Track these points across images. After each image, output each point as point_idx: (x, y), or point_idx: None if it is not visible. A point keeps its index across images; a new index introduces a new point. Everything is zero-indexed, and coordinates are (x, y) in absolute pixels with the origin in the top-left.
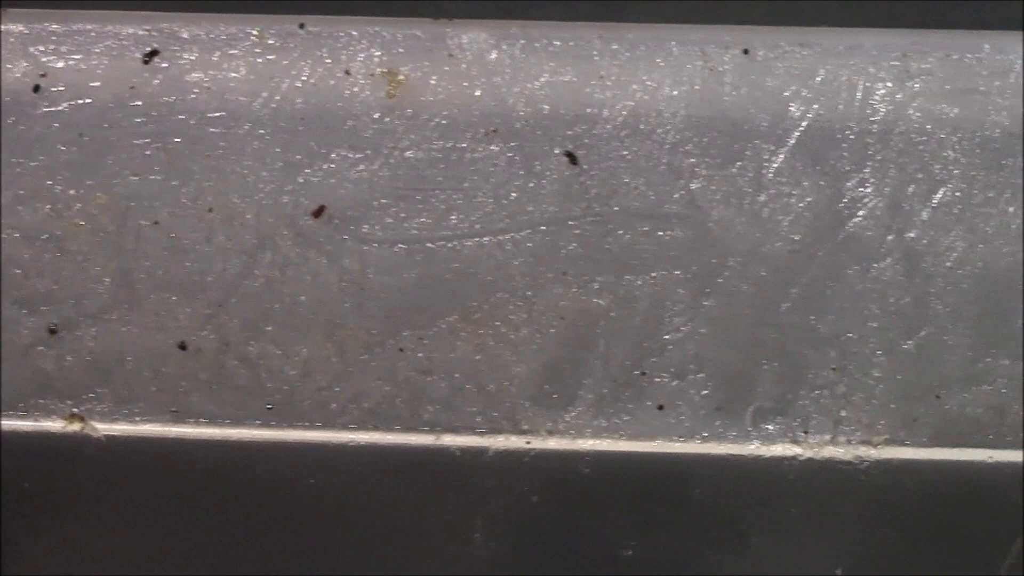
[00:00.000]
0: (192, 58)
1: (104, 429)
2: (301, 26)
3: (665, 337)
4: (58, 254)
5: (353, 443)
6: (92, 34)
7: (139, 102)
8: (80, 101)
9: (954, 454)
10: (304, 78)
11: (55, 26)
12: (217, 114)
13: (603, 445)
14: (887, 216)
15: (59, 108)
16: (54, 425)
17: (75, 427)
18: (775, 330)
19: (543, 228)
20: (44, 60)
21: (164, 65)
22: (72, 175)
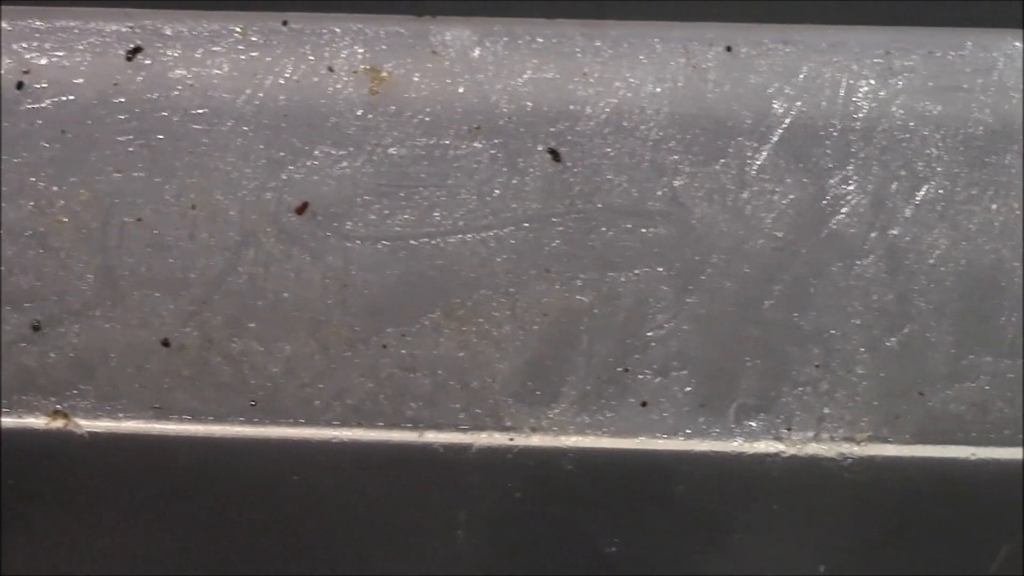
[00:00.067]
0: (175, 55)
1: (87, 426)
2: (284, 23)
3: (648, 334)
4: (41, 251)
5: (336, 440)
6: (75, 31)
7: (122, 99)
8: (63, 98)
9: (937, 451)
10: (287, 75)
11: (38, 23)
12: (200, 111)
13: (586, 442)
14: (870, 213)
15: (42, 105)
16: (37, 422)
17: (58, 424)
18: (758, 327)
19: (526, 225)
20: (27, 57)
21: (147, 62)
22: (55, 172)
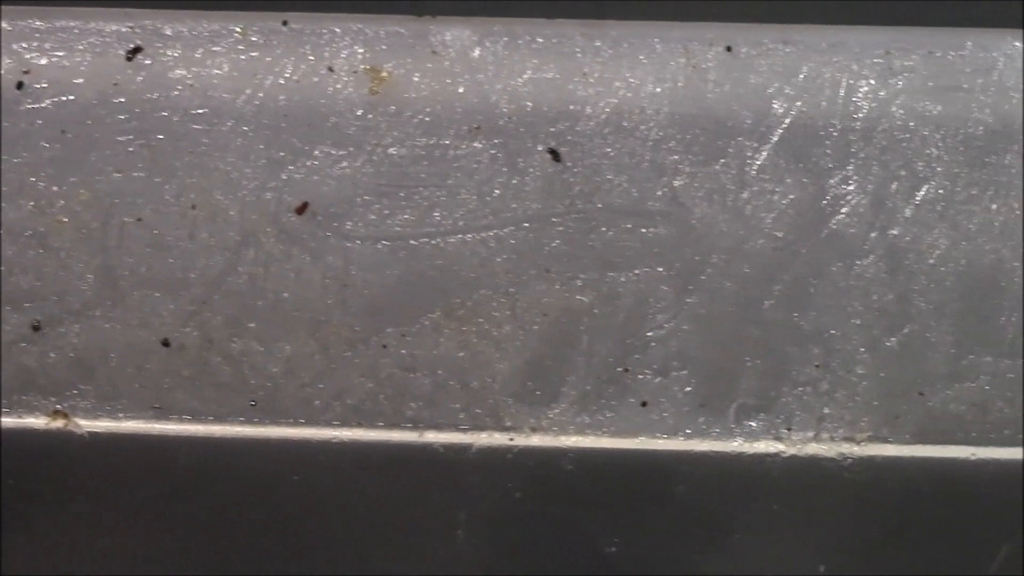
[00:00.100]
0: (175, 55)
1: (87, 426)
2: (284, 23)
3: (648, 334)
4: (41, 251)
5: (336, 440)
6: (75, 31)
7: (122, 99)
8: (63, 98)
9: (937, 451)
10: (287, 75)
11: (38, 23)
12: (200, 111)
13: (586, 442)
14: (870, 213)
15: (42, 105)
16: (37, 422)
17: (58, 424)
18: (758, 327)
19: (526, 225)
20: (28, 57)
21: (147, 62)
22: (55, 172)
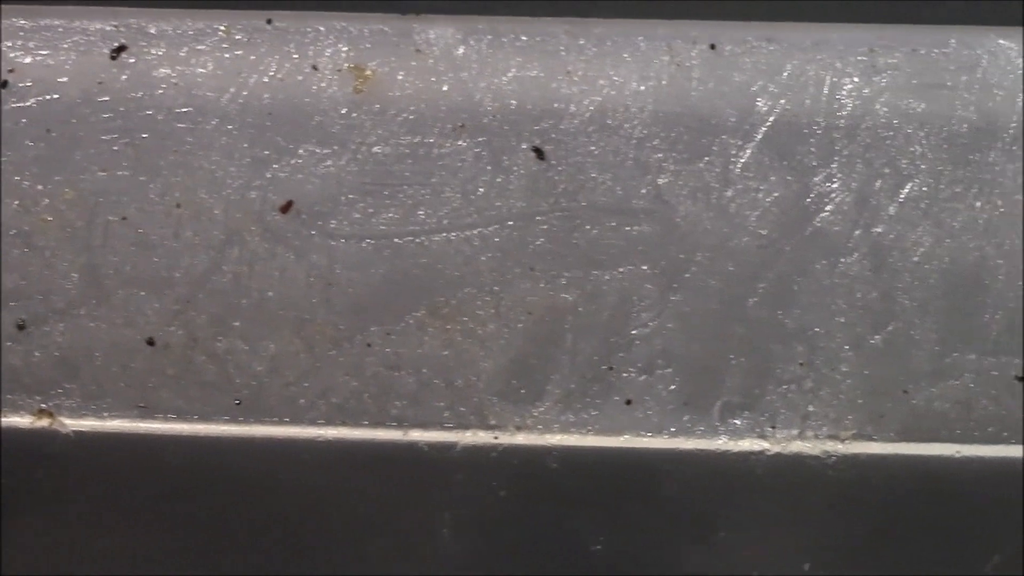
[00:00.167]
0: (160, 54)
1: (73, 425)
2: (268, 22)
3: (633, 332)
4: (26, 250)
5: (321, 438)
6: (60, 30)
7: (107, 97)
8: (48, 97)
9: (921, 449)
10: (271, 74)
11: (23, 21)
12: (185, 110)
13: (571, 440)
14: (854, 211)
15: (27, 104)
16: (22, 421)
17: (44, 423)
18: (742, 325)
19: (510, 223)
20: (12, 55)
21: (132, 61)
22: (40, 171)
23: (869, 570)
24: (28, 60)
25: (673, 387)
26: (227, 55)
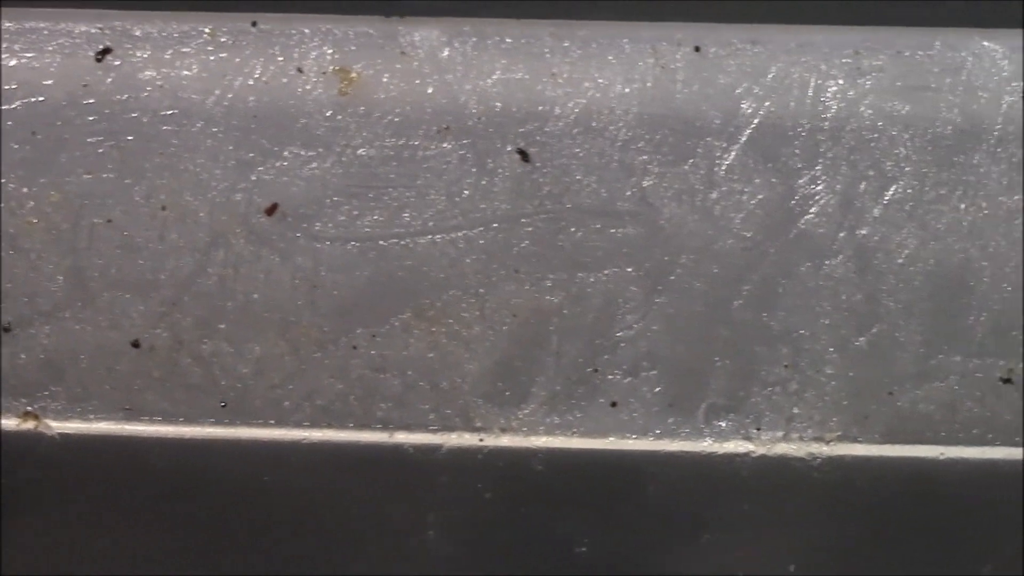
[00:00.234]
0: (145, 56)
1: (58, 427)
2: (253, 24)
3: (618, 334)
4: (11, 252)
5: (306, 441)
6: (45, 32)
7: (92, 100)
8: (33, 99)
9: (906, 451)
10: (256, 76)
11: (8, 23)
12: (170, 112)
13: (556, 442)
14: (839, 213)
15: (12, 106)
16: (8, 423)
17: (29, 425)
18: (727, 327)
19: (495, 226)
20: None
21: (117, 63)
22: (25, 173)
23: (854, 571)
24: (13, 63)
25: (658, 389)
26: (212, 57)
